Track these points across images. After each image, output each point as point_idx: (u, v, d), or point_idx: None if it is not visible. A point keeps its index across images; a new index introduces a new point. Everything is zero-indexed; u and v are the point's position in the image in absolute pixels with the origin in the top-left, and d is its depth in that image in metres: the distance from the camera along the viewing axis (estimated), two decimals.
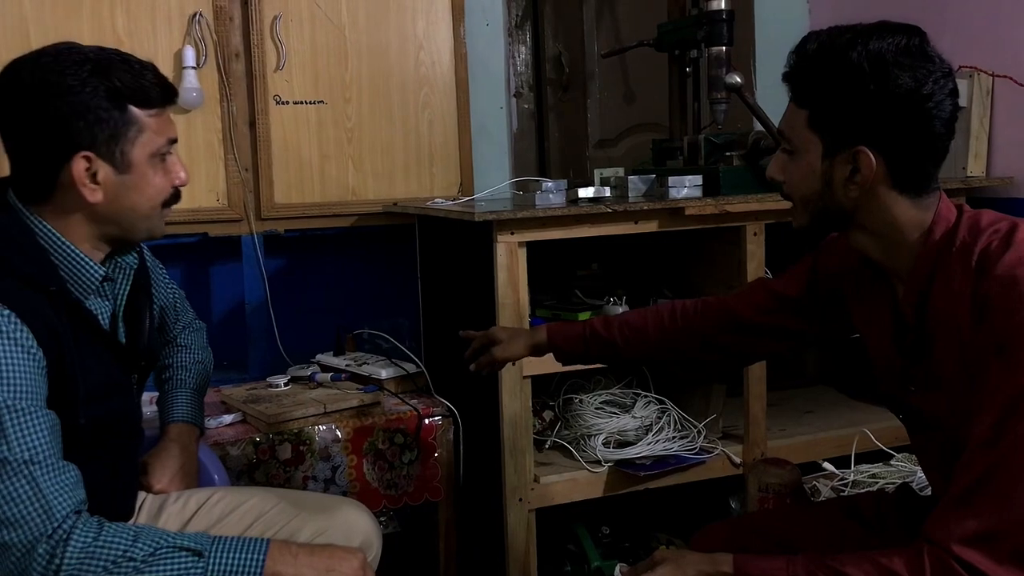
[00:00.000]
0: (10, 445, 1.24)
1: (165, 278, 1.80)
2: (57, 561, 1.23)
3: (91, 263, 1.41)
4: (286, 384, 2.40)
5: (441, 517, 2.31)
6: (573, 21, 3.06)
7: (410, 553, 2.36)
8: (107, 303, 1.49)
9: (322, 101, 2.58)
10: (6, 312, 1.26)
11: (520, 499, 2.15)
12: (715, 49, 2.47)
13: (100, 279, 1.43)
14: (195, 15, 2.45)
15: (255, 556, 1.31)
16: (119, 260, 1.49)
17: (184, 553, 1.28)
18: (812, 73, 1.27)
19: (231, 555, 1.30)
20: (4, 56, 1.94)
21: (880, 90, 1.21)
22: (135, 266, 1.53)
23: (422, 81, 2.68)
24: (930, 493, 1.53)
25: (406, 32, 2.66)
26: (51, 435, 1.28)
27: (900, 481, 2.00)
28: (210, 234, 2.51)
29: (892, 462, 2.26)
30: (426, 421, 2.24)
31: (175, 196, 1.46)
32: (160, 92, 1.41)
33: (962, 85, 2.69)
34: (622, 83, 3.09)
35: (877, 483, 2.16)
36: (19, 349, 1.26)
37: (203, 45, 2.46)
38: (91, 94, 1.34)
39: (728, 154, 2.40)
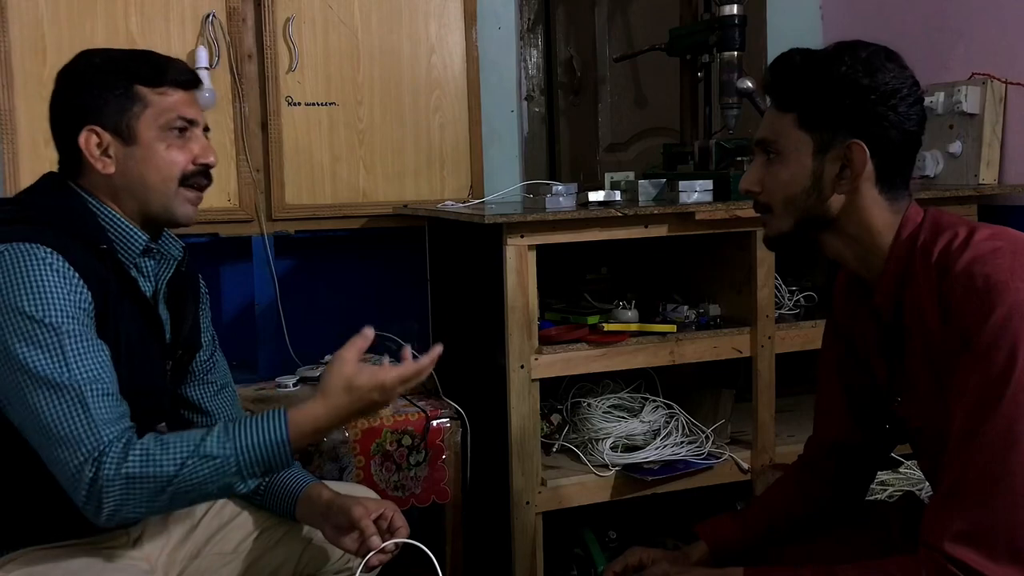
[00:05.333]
0: (70, 369, 1.30)
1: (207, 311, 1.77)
2: (99, 484, 1.28)
3: (134, 229, 1.48)
4: (295, 385, 2.40)
5: (448, 519, 2.30)
6: (585, 25, 3.06)
7: (416, 555, 2.36)
8: (147, 283, 1.53)
9: (334, 103, 2.59)
10: (60, 257, 1.34)
11: (527, 502, 2.15)
12: (727, 54, 2.47)
13: (143, 245, 1.49)
14: (208, 16, 2.46)
15: (278, 431, 1.35)
16: (162, 248, 1.56)
17: (210, 460, 1.32)
18: (801, 77, 1.32)
19: (255, 437, 1.34)
20: (19, 54, 1.97)
21: (871, 85, 1.27)
22: (178, 258, 1.58)
23: (434, 84, 2.69)
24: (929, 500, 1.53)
25: (418, 35, 2.67)
26: (108, 361, 1.35)
27: (908, 488, 1.99)
28: (221, 234, 2.52)
29: (900, 469, 2.24)
30: (434, 423, 2.24)
31: (198, 174, 1.50)
32: (174, 74, 1.47)
33: (975, 92, 2.68)
34: (633, 87, 3.09)
35: (885, 490, 2.15)
36: (69, 286, 1.34)
37: (216, 46, 2.47)
38: (103, 74, 1.45)
39: (739, 159, 2.40)
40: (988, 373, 1.15)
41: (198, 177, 1.50)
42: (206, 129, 1.54)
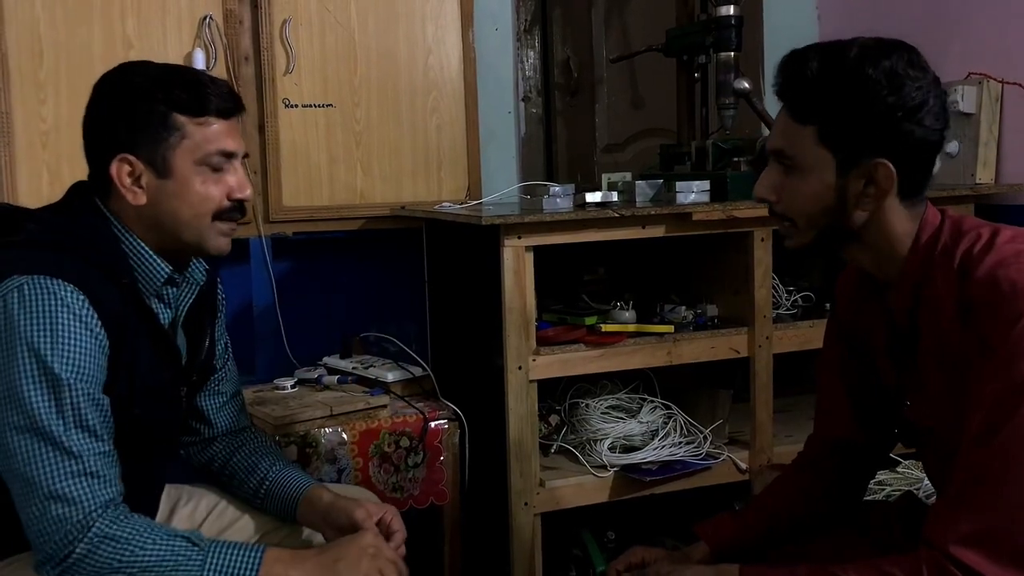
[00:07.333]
0: (66, 423, 1.28)
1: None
2: (83, 547, 1.27)
3: (158, 261, 1.44)
4: (293, 386, 2.40)
5: (446, 521, 2.30)
6: (582, 26, 3.06)
7: (415, 557, 2.36)
8: (167, 310, 1.50)
9: (331, 105, 2.59)
10: (81, 296, 1.31)
11: (526, 503, 2.15)
12: (724, 54, 2.47)
13: (165, 277, 1.45)
14: (205, 18, 2.46)
15: (251, 556, 1.34)
16: (186, 274, 1.52)
17: (183, 541, 1.32)
18: (822, 89, 1.26)
19: (228, 552, 1.33)
20: (15, 56, 1.95)
21: (896, 103, 1.23)
22: (201, 282, 1.55)
23: (431, 85, 2.69)
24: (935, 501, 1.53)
25: (415, 37, 2.67)
26: (105, 420, 1.33)
27: (906, 488, 2.00)
28: None
29: (899, 469, 2.25)
30: (432, 424, 2.24)
31: (233, 209, 1.45)
32: (216, 102, 1.41)
33: (971, 92, 2.68)
34: (630, 88, 3.09)
35: (884, 490, 2.15)
36: (87, 331, 1.31)
37: (213, 48, 2.47)
38: (141, 98, 1.39)
39: (736, 160, 2.40)
40: (1010, 379, 1.15)
41: (232, 212, 1.45)
42: (245, 156, 1.49)
